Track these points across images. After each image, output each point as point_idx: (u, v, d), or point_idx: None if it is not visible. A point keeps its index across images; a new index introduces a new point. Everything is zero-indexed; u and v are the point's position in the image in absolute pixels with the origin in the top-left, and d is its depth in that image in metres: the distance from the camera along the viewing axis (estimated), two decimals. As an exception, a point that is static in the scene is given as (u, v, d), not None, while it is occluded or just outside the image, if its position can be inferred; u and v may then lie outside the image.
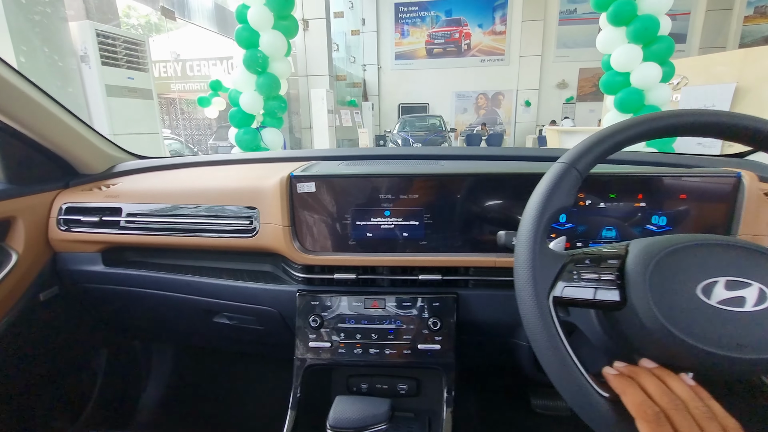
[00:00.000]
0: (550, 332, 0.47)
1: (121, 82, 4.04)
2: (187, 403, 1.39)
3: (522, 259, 0.51)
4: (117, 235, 0.96)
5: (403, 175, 0.80)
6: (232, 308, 0.94)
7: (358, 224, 0.83)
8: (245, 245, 0.88)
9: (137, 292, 0.99)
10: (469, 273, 0.82)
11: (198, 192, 0.94)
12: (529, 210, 0.53)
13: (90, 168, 1.10)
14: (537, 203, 0.52)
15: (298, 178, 0.82)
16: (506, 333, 0.84)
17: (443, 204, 0.81)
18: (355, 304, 0.81)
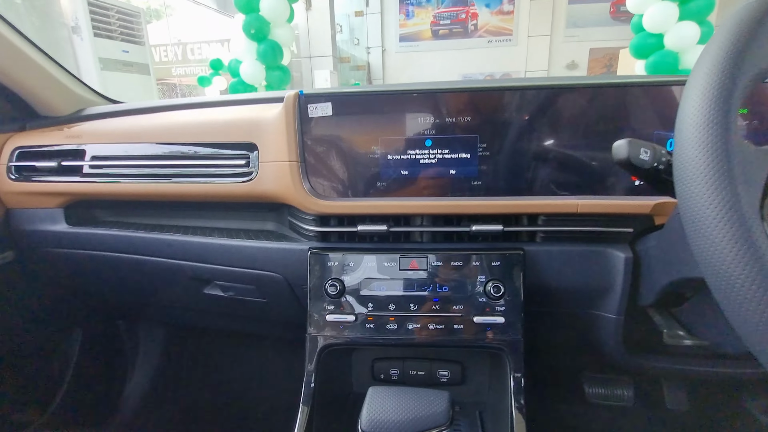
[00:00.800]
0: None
1: (115, 55, 3.81)
2: (180, 395, 1.20)
3: (698, 155, 0.30)
4: (80, 184, 0.76)
5: (451, 89, 0.59)
6: (226, 275, 0.74)
7: (390, 159, 0.62)
8: (240, 192, 0.68)
9: (108, 258, 0.79)
10: (538, 222, 0.62)
11: (180, 128, 0.73)
12: (704, 74, 0.31)
13: (53, 109, 0.89)
14: (722, 59, 0.31)
15: (310, 97, 0.62)
16: (585, 301, 0.64)
17: (505, 129, 0.60)
18: (386, 264, 0.61)
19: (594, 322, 0.65)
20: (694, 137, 0.30)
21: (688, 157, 0.30)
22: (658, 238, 0.55)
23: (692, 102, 0.31)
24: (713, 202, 0.28)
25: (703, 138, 0.29)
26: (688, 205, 0.30)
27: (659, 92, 0.58)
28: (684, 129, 0.31)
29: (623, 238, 0.60)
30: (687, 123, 0.31)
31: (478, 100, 0.59)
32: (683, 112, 0.32)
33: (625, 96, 0.58)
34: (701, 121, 0.30)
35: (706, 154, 0.29)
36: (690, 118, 0.31)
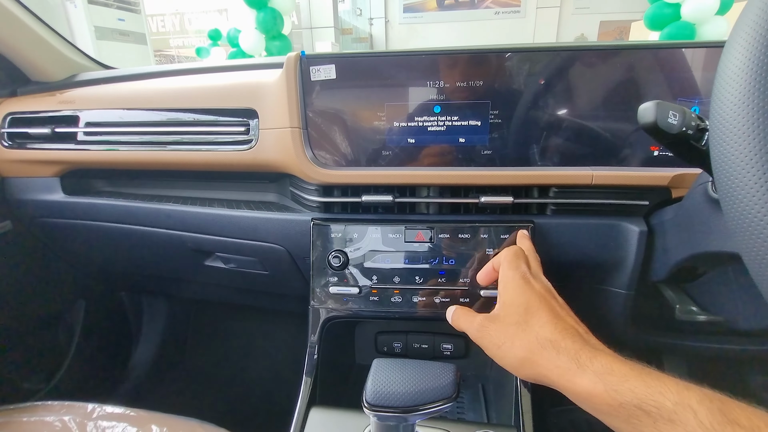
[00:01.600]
0: None
1: (111, 23, 3.70)
2: (184, 366, 1.22)
3: (741, 112, 0.27)
4: (75, 152, 0.73)
5: (463, 51, 0.56)
6: (227, 247, 0.72)
7: (396, 126, 0.59)
8: (240, 161, 0.65)
9: (106, 228, 0.78)
10: (549, 194, 0.59)
11: (176, 93, 0.70)
12: (754, 18, 0.28)
13: (45, 74, 0.86)
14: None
15: (313, 59, 0.58)
16: (594, 276, 0.63)
17: (519, 95, 0.56)
18: (391, 236, 0.59)
19: (603, 297, 0.64)
20: (738, 92, 0.27)
21: (728, 116, 0.28)
22: (675, 211, 0.52)
23: (737, 53, 0.28)
24: (756, 163, 0.26)
25: (748, 92, 0.26)
26: (726, 171, 0.28)
27: (683, 56, 0.54)
28: (725, 83, 0.28)
29: (638, 211, 0.58)
30: (728, 77, 0.28)
31: (491, 64, 0.56)
32: (724, 65, 0.29)
33: (647, 61, 0.54)
34: (747, 74, 0.27)
35: (751, 111, 0.26)
36: (732, 71, 0.28)
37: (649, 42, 0.55)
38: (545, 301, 0.41)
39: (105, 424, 0.62)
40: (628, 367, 0.33)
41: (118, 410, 0.64)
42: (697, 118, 0.38)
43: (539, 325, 0.38)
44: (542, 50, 0.55)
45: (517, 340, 0.38)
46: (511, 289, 0.42)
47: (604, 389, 0.32)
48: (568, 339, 0.36)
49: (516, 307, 0.41)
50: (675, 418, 0.28)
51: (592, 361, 0.34)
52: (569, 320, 0.40)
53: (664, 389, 0.30)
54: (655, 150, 0.57)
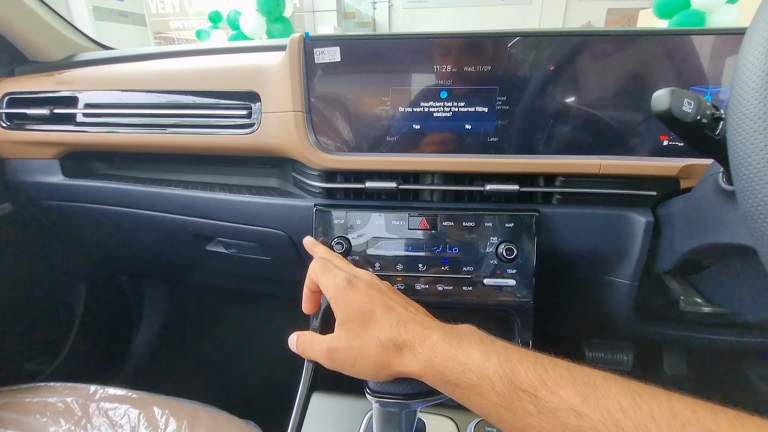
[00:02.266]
0: None
1: (109, 3, 3.64)
2: (185, 349, 1.22)
3: (763, 98, 0.26)
4: (75, 134, 0.72)
5: (470, 35, 0.54)
6: (229, 232, 0.72)
7: (401, 111, 0.58)
8: (242, 145, 0.64)
9: (106, 211, 0.77)
10: (556, 183, 0.58)
11: (177, 75, 0.69)
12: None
13: (43, 53, 0.84)
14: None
15: (317, 41, 0.57)
16: (599, 267, 0.62)
17: (528, 81, 0.55)
18: (395, 223, 0.59)
19: (606, 288, 0.63)
20: (760, 78, 0.26)
21: (748, 103, 0.27)
22: (684, 202, 0.52)
23: (758, 40, 0.27)
24: None
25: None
26: (744, 161, 0.27)
27: (695, 44, 0.53)
28: (747, 71, 0.27)
29: (645, 202, 0.57)
30: (749, 64, 0.27)
31: (499, 49, 0.54)
32: (745, 53, 0.28)
33: (658, 48, 0.53)
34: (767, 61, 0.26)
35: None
36: (754, 58, 0.27)
37: (660, 29, 0.54)
38: (375, 299, 0.41)
39: (107, 405, 0.63)
40: (448, 344, 0.35)
41: (121, 392, 0.65)
42: (712, 107, 0.37)
43: (377, 328, 0.38)
44: (551, 35, 0.53)
45: (365, 352, 0.38)
46: (341, 300, 0.41)
47: (433, 371, 0.34)
48: (403, 330, 0.37)
49: (353, 316, 0.40)
50: (482, 391, 0.31)
51: (422, 345, 0.36)
52: (399, 308, 0.40)
53: (472, 365, 0.32)
54: (665, 139, 0.56)
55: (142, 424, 0.60)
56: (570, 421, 0.27)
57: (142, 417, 0.60)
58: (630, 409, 0.26)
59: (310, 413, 0.51)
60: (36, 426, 0.60)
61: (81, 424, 0.61)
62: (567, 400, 0.28)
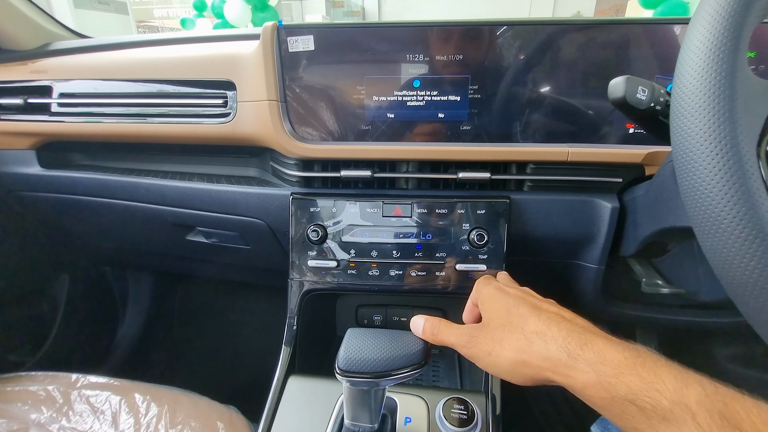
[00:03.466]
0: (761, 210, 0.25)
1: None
2: (169, 338, 1.23)
3: (700, 84, 0.28)
4: (50, 124, 0.72)
5: (442, 24, 0.55)
6: (208, 221, 0.72)
7: (376, 100, 0.59)
8: (218, 134, 0.64)
9: (85, 202, 0.77)
10: (527, 171, 0.60)
11: (151, 64, 0.68)
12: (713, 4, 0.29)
13: (15, 42, 0.82)
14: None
15: (291, 29, 0.57)
16: (567, 251, 0.64)
17: (499, 70, 0.56)
18: (369, 211, 0.60)
19: (574, 272, 0.66)
20: (697, 67, 0.28)
21: (687, 89, 0.28)
22: (646, 187, 0.54)
23: (699, 30, 0.29)
24: (708, 136, 0.27)
25: (708, 66, 0.27)
26: (681, 144, 0.29)
27: (661, 33, 0.54)
28: (687, 58, 0.29)
29: (611, 188, 0.59)
30: (691, 51, 0.29)
31: (471, 38, 0.55)
32: (687, 41, 0.30)
33: (625, 37, 0.54)
34: (708, 46, 0.27)
35: (709, 86, 0.27)
36: (695, 46, 0.28)
37: (625, 18, 0.55)
38: (523, 299, 0.40)
39: (89, 392, 0.64)
40: (622, 354, 0.30)
41: (102, 380, 0.66)
42: (666, 94, 0.39)
43: (522, 320, 0.37)
44: (521, 24, 0.54)
45: (505, 342, 0.36)
46: (488, 299, 0.42)
47: (597, 380, 0.30)
48: (553, 327, 0.34)
49: (497, 311, 0.40)
50: (671, 417, 0.26)
51: (583, 348, 0.32)
52: (552, 309, 0.38)
53: (660, 386, 0.27)
54: (631, 128, 0.57)
55: (124, 410, 0.61)
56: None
57: (124, 403, 0.61)
58: None
59: (286, 395, 0.53)
60: (17, 414, 0.61)
61: (63, 411, 0.61)
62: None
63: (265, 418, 0.50)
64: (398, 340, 0.42)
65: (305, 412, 0.51)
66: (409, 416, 0.49)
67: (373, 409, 0.43)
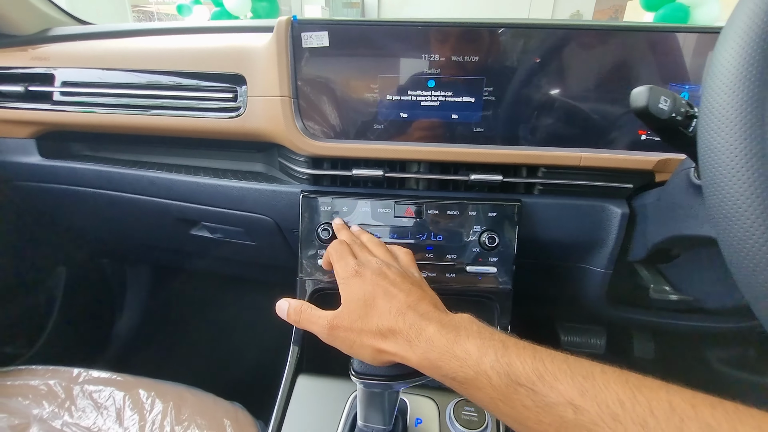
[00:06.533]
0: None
1: (82, -27, 3.44)
2: (169, 335, 1.22)
3: (729, 99, 0.28)
4: (51, 113, 0.70)
5: (460, 24, 0.55)
6: (214, 216, 0.71)
7: (388, 99, 0.58)
8: (227, 129, 0.64)
9: (86, 194, 0.75)
10: (538, 174, 0.60)
11: (159, 54, 0.67)
12: (748, 13, 0.28)
13: (14, 26, 0.80)
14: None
15: (305, 24, 0.56)
16: (575, 255, 0.65)
17: (515, 72, 0.56)
18: (381, 210, 0.60)
19: (581, 276, 0.66)
20: (729, 80, 0.28)
21: (717, 103, 0.28)
22: (658, 194, 0.54)
23: (730, 44, 0.29)
24: (738, 150, 0.27)
25: (740, 81, 0.27)
26: (710, 158, 0.29)
27: (676, 41, 0.54)
28: (717, 71, 0.29)
29: (622, 194, 0.60)
30: (721, 64, 0.29)
31: (487, 40, 0.55)
32: (718, 54, 0.29)
33: (641, 44, 0.54)
34: (739, 60, 0.27)
35: (740, 100, 0.27)
36: (726, 60, 0.28)
37: (644, 24, 0.56)
38: (379, 286, 0.41)
39: (91, 388, 0.63)
40: (444, 338, 0.34)
41: (105, 375, 0.65)
42: (687, 105, 0.39)
43: (377, 316, 0.39)
44: (539, 27, 0.54)
45: (364, 336, 0.39)
46: (345, 287, 0.43)
47: (430, 365, 0.34)
48: (401, 320, 0.38)
49: (356, 302, 0.41)
50: (479, 384, 0.31)
51: (419, 338, 0.36)
52: (402, 296, 0.40)
53: (468, 360, 0.32)
54: (643, 134, 0.58)
55: (128, 406, 0.60)
56: (567, 415, 0.27)
57: (128, 399, 0.61)
58: (628, 403, 0.25)
59: (295, 395, 0.53)
60: (18, 409, 0.60)
61: (65, 406, 0.61)
62: (564, 394, 0.27)
63: (274, 418, 0.50)
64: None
65: (315, 411, 0.51)
66: (419, 417, 0.49)
67: (387, 411, 0.43)
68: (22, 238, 0.91)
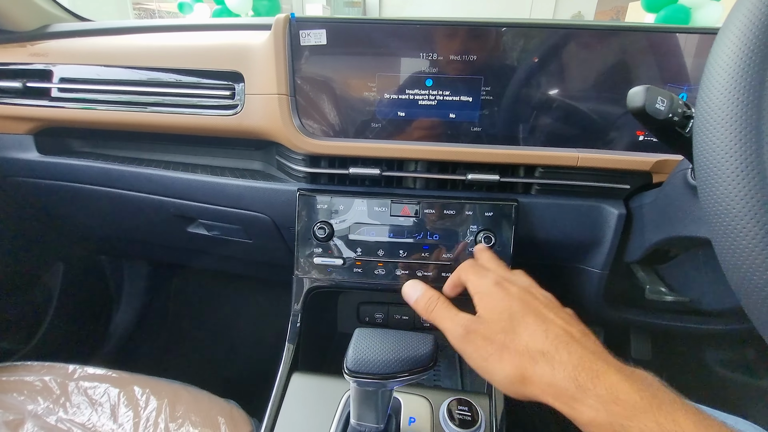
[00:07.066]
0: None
1: (83, -30, 3.44)
2: (165, 332, 1.22)
3: (726, 100, 0.28)
4: (49, 109, 0.70)
5: (458, 23, 0.54)
6: (211, 214, 0.71)
7: (386, 98, 0.58)
8: (225, 126, 0.63)
9: (84, 190, 0.75)
10: (535, 174, 0.60)
11: (158, 52, 0.67)
12: (745, 14, 0.28)
13: (13, 22, 0.80)
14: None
15: (303, 22, 0.56)
16: (572, 255, 0.65)
17: (512, 72, 0.56)
18: (377, 209, 0.59)
19: (578, 276, 0.66)
20: (726, 81, 0.27)
21: (713, 104, 0.28)
22: (654, 195, 0.54)
23: (727, 44, 0.28)
24: (733, 150, 0.27)
25: (736, 82, 0.27)
26: (705, 158, 0.28)
27: (676, 42, 0.54)
28: (713, 71, 0.29)
29: (618, 194, 0.60)
30: (718, 66, 0.28)
31: (486, 39, 0.55)
32: (715, 54, 0.29)
33: (640, 44, 0.54)
34: (735, 61, 0.27)
35: (736, 101, 0.27)
36: (722, 61, 0.28)
37: (643, 24, 0.55)
38: (528, 305, 0.36)
39: (87, 384, 0.63)
40: (637, 394, 0.28)
41: (100, 371, 0.65)
42: (684, 105, 0.39)
43: (527, 334, 0.34)
44: (538, 26, 0.54)
45: (505, 353, 0.33)
46: (486, 296, 0.39)
47: (608, 420, 0.28)
48: (563, 350, 0.32)
49: (498, 313, 0.36)
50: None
51: (594, 382, 0.29)
52: (559, 322, 0.35)
53: (677, 429, 0.25)
54: (641, 135, 0.58)
55: (123, 402, 0.60)
56: None
57: (122, 396, 0.61)
58: None
59: (290, 393, 0.53)
60: (13, 404, 0.60)
61: (60, 402, 0.61)
62: None
63: (268, 416, 0.50)
64: (406, 341, 0.42)
65: (309, 409, 0.51)
66: (413, 416, 0.49)
67: (380, 410, 0.43)
68: (19, 235, 0.91)
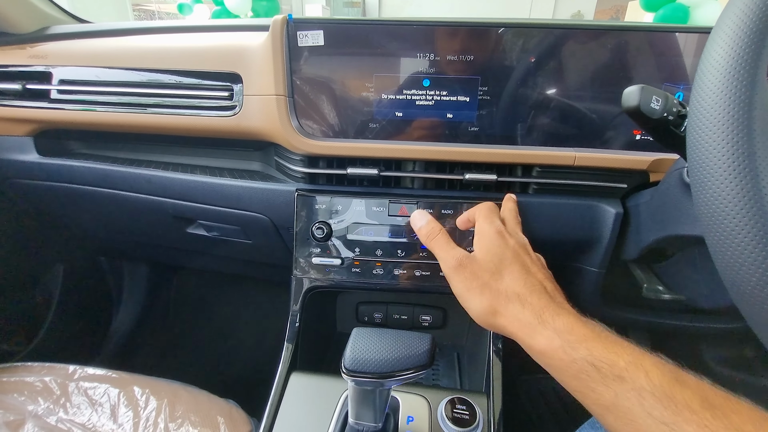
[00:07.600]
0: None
1: (83, -28, 3.45)
2: (165, 332, 1.22)
3: (717, 100, 0.28)
4: (49, 111, 0.70)
5: (455, 24, 0.55)
6: (210, 215, 0.72)
7: (384, 98, 0.58)
8: (223, 127, 0.64)
9: (83, 191, 0.76)
10: (533, 174, 0.60)
11: (156, 53, 0.67)
12: (737, 14, 0.29)
13: (12, 25, 0.80)
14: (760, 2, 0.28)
15: (300, 23, 0.56)
16: (569, 254, 0.65)
17: (509, 72, 0.56)
18: (375, 209, 0.60)
19: (575, 275, 0.66)
20: (717, 80, 0.28)
21: (705, 103, 0.28)
22: (651, 194, 0.54)
23: (720, 44, 0.29)
24: (725, 149, 0.27)
25: (729, 81, 0.27)
26: (698, 157, 0.29)
27: (673, 41, 0.54)
28: (706, 70, 0.29)
29: (615, 193, 0.60)
30: (710, 65, 0.29)
31: (483, 39, 0.55)
32: (707, 54, 0.30)
33: (637, 43, 0.55)
34: (728, 60, 0.27)
35: (729, 101, 0.27)
36: (715, 60, 0.29)
37: (639, 24, 0.56)
38: (518, 256, 0.42)
39: (87, 385, 0.63)
40: (589, 329, 0.34)
41: (100, 372, 0.65)
42: (679, 104, 0.39)
43: (510, 278, 0.39)
44: (534, 26, 0.54)
45: (486, 290, 0.39)
46: (486, 240, 0.44)
47: (560, 345, 0.33)
48: (534, 295, 0.38)
49: (491, 257, 0.41)
50: (625, 375, 0.29)
51: (555, 319, 0.35)
52: (539, 276, 0.41)
53: (620, 350, 0.31)
54: (637, 134, 0.58)
55: (123, 402, 0.60)
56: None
57: (122, 396, 0.61)
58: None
59: (288, 392, 0.53)
60: (14, 405, 0.60)
61: (60, 402, 0.61)
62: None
63: (267, 415, 0.50)
64: (404, 340, 0.42)
65: (308, 409, 0.51)
66: (411, 415, 0.50)
67: (378, 409, 0.43)
68: (19, 236, 0.91)
